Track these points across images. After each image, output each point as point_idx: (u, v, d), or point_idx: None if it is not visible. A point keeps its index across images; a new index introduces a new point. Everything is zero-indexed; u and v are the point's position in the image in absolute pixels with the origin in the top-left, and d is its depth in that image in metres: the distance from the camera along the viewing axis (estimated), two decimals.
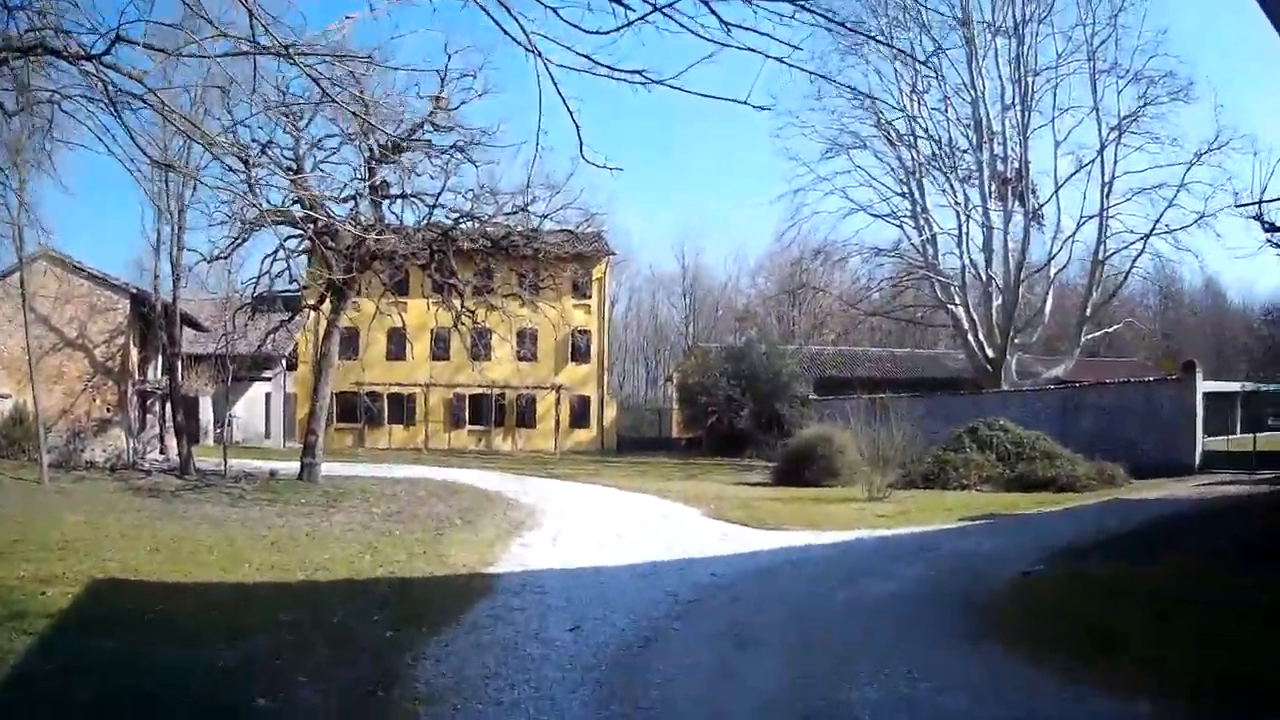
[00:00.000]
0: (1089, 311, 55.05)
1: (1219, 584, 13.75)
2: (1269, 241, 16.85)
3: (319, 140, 32.04)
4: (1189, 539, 18.37)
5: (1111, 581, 14.50)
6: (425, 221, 33.58)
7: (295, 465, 32.24)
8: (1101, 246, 53.62)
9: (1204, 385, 38.88)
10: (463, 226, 33.76)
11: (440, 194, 33.00)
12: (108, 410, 34.84)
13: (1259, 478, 32.65)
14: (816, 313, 73.52)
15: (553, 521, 24.11)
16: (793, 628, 12.72)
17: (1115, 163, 52.66)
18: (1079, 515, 25.31)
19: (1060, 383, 50.98)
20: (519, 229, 34.15)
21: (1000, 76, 54.23)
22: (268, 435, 57.01)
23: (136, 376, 36.55)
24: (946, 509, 27.19)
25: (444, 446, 61.56)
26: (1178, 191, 51.00)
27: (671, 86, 7.90)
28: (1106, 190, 52.55)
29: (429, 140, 32.27)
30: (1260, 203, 16.11)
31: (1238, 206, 16.61)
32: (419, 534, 21.18)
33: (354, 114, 28.55)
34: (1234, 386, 48.08)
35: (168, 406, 35.97)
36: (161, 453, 36.65)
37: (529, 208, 33.32)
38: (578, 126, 8.49)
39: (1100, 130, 52.75)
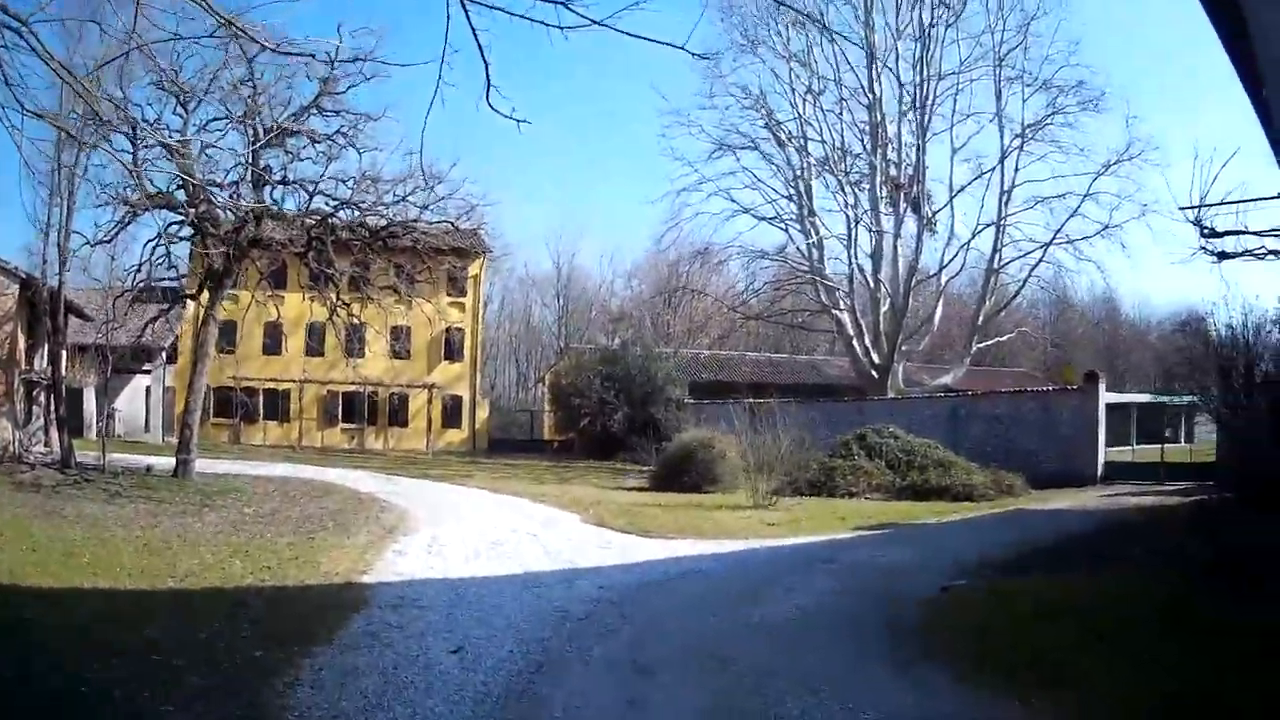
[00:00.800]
0: (981, 320, 54.77)
1: (1150, 600, 13.01)
2: (1203, 249, 16.20)
3: (206, 123, 30.75)
4: (1111, 553, 17.60)
5: (1038, 598, 13.63)
6: (305, 208, 32.37)
7: (172, 460, 30.41)
8: (997, 255, 53.24)
9: (1106, 396, 38.70)
10: (342, 215, 32.67)
11: (321, 180, 32.05)
12: None
13: (1169, 489, 32.51)
14: (694, 316, 72.77)
15: (427, 526, 22.62)
16: (700, 650, 11.45)
17: (1016, 171, 52.56)
18: (982, 526, 24.82)
19: (949, 391, 50.60)
20: (398, 219, 33.10)
21: (899, 80, 53.68)
22: (147, 429, 55.10)
23: (23, 366, 34.56)
24: (839, 518, 26.29)
25: (317, 445, 59.58)
26: (1083, 201, 50.81)
27: (603, 25, 7.02)
28: (1005, 198, 52.25)
29: (312, 130, 31.47)
30: (1199, 207, 15.53)
31: (1181, 209, 15.97)
32: (290, 537, 19.71)
33: (240, 86, 28.61)
34: (1132, 398, 47.78)
35: (52, 397, 34.19)
36: (46, 446, 34.68)
37: (410, 197, 32.69)
38: (486, 65, 7.93)
39: (1002, 138, 52.58)
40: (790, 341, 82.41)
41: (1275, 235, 16.74)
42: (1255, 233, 16.97)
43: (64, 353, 32.39)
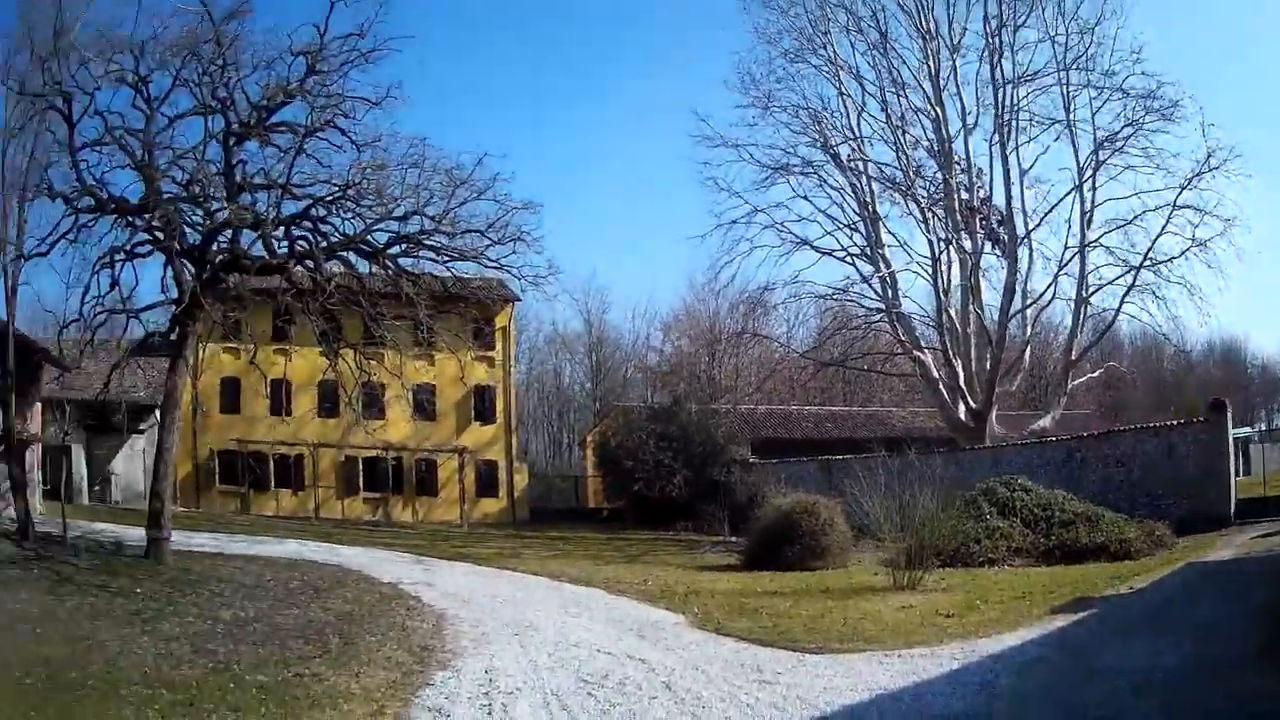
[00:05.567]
0: (1075, 355, 49.00)
1: None
2: None
3: (176, 117, 27.00)
4: None
5: None
6: (275, 211, 27.88)
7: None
8: (1084, 283, 47.01)
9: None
10: (334, 222, 28.40)
11: (288, 182, 27.71)
12: None
13: None
14: (741, 368, 68.04)
15: (476, 647, 16.02)
16: None
17: (1094, 190, 46.50)
18: (1193, 588, 19.88)
19: (1045, 437, 44.31)
20: (410, 230, 28.84)
21: (960, 94, 48.39)
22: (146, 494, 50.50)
23: None
24: (1015, 596, 20.74)
25: (337, 515, 54.34)
26: (1170, 217, 44.46)
27: None
28: (1087, 219, 46.31)
29: (289, 123, 28.15)
30: None
31: None
32: (268, 670, 13.75)
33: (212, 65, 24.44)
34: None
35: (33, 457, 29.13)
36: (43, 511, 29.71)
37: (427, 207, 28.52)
38: None
39: (1077, 154, 46.74)
40: (844, 393, 77.51)
41: None
42: None
43: (13, 399, 26.73)
